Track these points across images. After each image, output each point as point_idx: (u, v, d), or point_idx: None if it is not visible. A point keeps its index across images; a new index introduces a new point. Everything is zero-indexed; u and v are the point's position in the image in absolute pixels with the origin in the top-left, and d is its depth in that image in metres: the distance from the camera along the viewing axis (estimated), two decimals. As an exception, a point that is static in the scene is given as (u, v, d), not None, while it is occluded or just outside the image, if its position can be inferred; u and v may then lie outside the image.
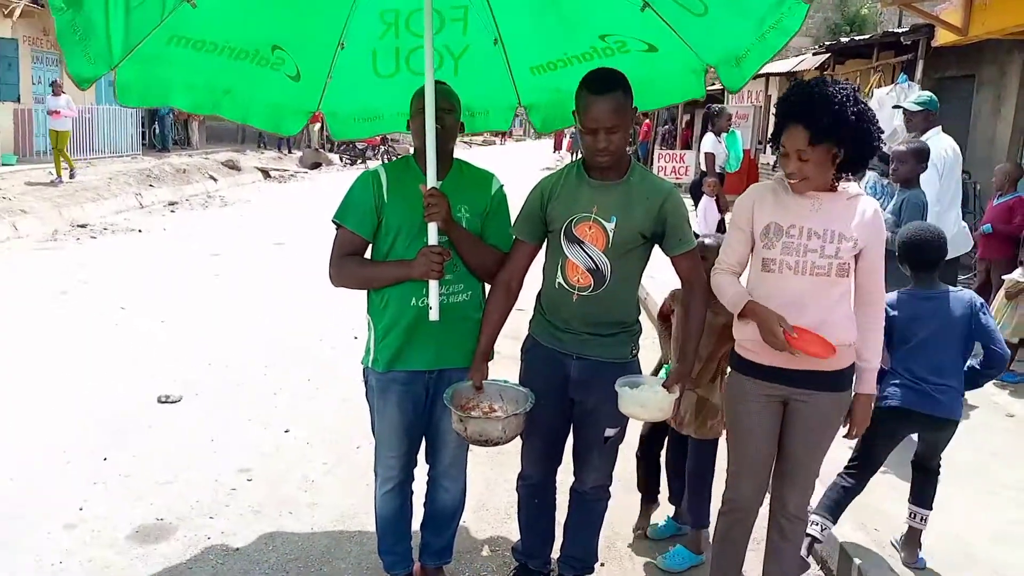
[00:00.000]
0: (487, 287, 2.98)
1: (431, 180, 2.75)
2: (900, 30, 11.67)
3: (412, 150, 2.99)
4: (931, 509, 3.40)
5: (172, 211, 14.86)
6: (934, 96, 5.67)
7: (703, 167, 9.88)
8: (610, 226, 2.72)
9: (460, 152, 3.38)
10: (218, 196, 17.52)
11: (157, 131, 24.05)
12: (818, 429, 2.75)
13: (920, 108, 5.46)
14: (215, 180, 19.15)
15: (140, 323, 7.01)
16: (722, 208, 8.44)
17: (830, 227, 2.63)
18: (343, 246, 2.88)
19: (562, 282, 2.80)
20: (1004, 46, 9.98)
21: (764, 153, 17.87)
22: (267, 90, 3.39)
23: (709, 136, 9.92)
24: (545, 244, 2.90)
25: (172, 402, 5.22)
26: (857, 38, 13.22)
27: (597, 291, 2.76)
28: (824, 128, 2.51)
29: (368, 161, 26.72)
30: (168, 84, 3.15)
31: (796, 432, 2.77)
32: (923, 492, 3.42)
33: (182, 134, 25.81)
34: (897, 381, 3.32)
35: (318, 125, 24.27)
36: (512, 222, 2.96)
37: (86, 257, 9.90)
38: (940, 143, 5.27)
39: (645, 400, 2.75)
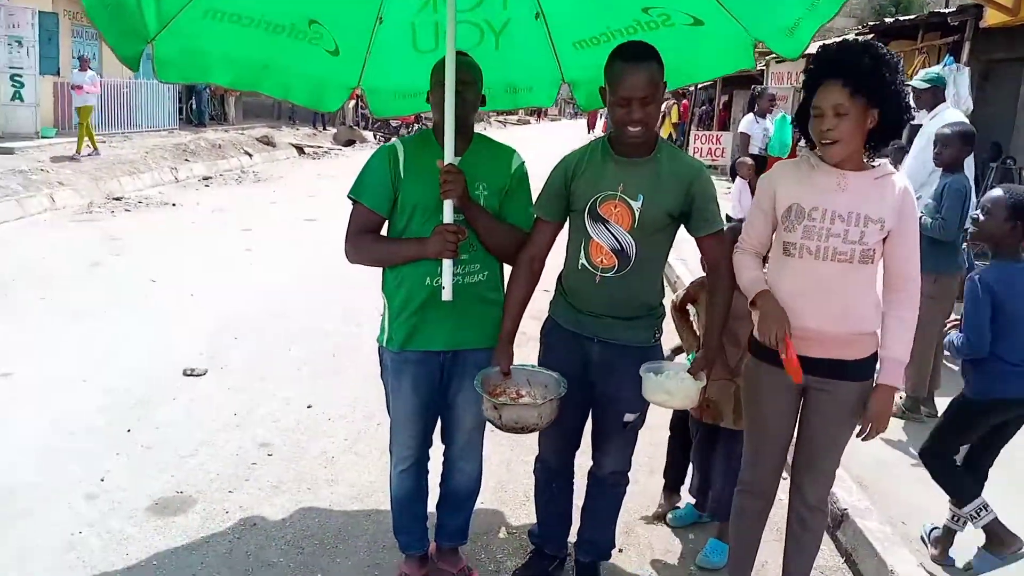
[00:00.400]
0: (506, 268, 2.89)
1: (448, 156, 2.66)
2: (947, 10, 11.32)
3: (431, 125, 2.91)
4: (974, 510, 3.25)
5: (206, 185, 14.96)
6: (941, 73, 5.60)
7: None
8: (637, 205, 2.61)
9: (495, 132, 3.35)
10: (252, 171, 17.61)
11: (194, 106, 24.28)
12: (838, 420, 2.65)
13: (928, 85, 5.44)
14: (250, 155, 19.24)
15: (169, 296, 7.06)
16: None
17: (856, 209, 2.49)
18: (359, 222, 2.81)
19: (585, 263, 2.70)
20: (1056, 28, 9.61)
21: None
22: (306, 65, 3.33)
23: (748, 117, 9.75)
24: (568, 223, 2.79)
25: (197, 375, 5.25)
26: (902, 18, 12.86)
27: (621, 272, 2.66)
28: (866, 81, 2.41)
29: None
30: (207, 59, 3.12)
31: (815, 422, 2.68)
32: (969, 491, 3.27)
33: (218, 109, 26.02)
34: (1003, 368, 3.12)
35: (353, 102, 24.37)
36: (534, 200, 2.86)
37: (120, 230, 9.99)
38: (944, 120, 5.15)
39: (672, 388, 2.67)
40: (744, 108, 13.57)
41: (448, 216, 2.67)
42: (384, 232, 2.88)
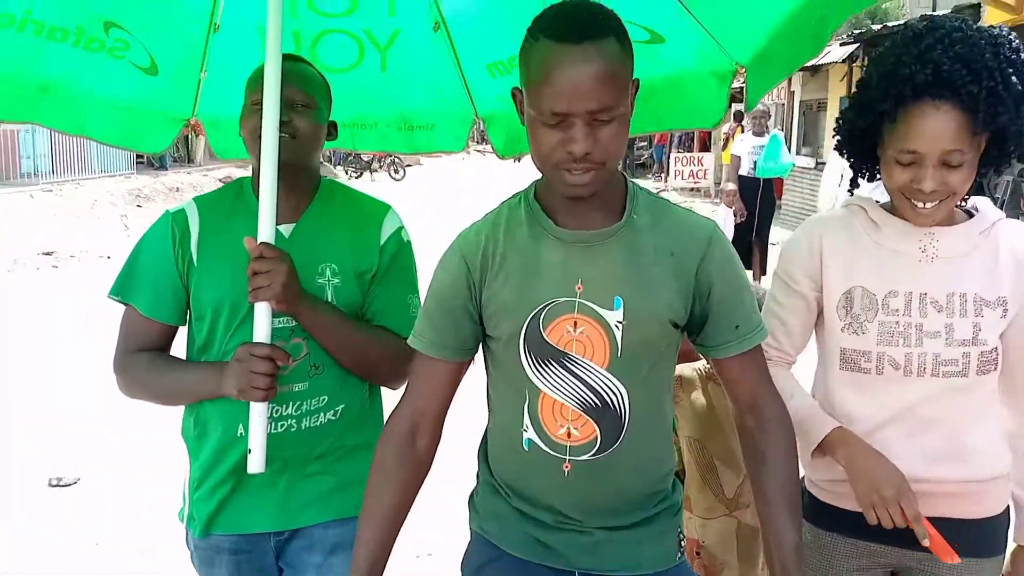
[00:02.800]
0: (387, 394, 1.86)
1: (264, 227, 1.66)
2: (941, 12, 10.58)
3: (252, 171, 1.88)
4: None
5: (155, 233, 14.02)
6: None
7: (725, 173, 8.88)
8: (613, 317, 1.42)
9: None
10: (210, 215, 16.69)
11: (154, 148, 23.41)
12: None
13: None
14: (210, 198, 18.35)
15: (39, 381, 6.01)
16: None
17: (958, 288, 1.59)
18: (132, 335, 1.81)
19: (536, 440, 1.47)
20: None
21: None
22: (108, 87, 2.38)
23: (739, 136, 8.96)
24: (488, 363, 1.57)
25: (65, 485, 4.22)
26: (891, 24, 12.20)
27: (609, 449, 1.46)
28: (994, 105, 1.44)
29: (375, 173, 25.98)
30: None
31: None
32: None
33: (182, 150, 25.14)
34: None
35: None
36: (416, 301, 1.84)
37: (34, 290, 9.04)
38: None
39: None
40: (730, 126, 12.73)
41: (261, 329, 1.64)
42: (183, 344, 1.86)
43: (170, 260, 1.76)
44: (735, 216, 8.05)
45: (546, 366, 1.45)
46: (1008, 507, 1.71)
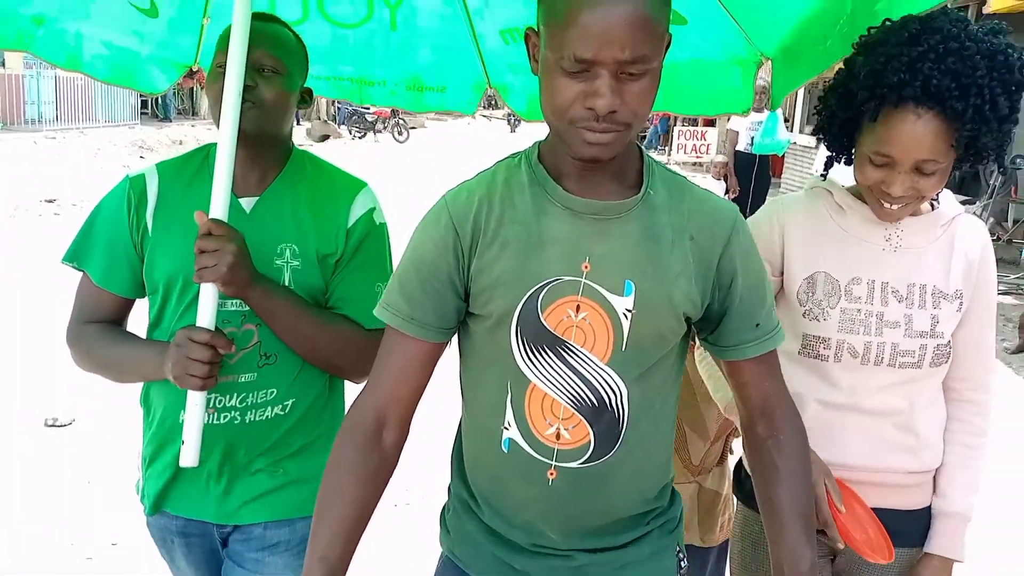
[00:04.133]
0: (350, 388, 1.66)
1: (217, 201, 1.50)
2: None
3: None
4: None
5: (157, 185, 14.05)
6: None
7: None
8: (622, 304, 1.24)
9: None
10: (213, 169, 16.68)
11: (159, 99, 23.30)
12: None
13: None
14: (213, 152, 18.33)
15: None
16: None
17: (918, 279, 1.59)
18: (84, 304, 1.69)
19: (520, 440, 1.28)
20: (1070, 13, 8.85)
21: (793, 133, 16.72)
22: (105, 26, 2.31)
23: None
24: (463, 345, 1.38)
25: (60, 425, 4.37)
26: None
27: (604, 456, 1.28)
28: (978, 113, 1.40)
29: (378, 134, 25.87)
30: None
31: None
32: None
33: (187, 103, 25.05)
34: None
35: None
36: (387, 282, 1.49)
37: (34, 237, 9.10)
38: None
39: None
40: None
41: (205, 313, 1.49)
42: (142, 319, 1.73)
43: (125, 228, 1.64)
44: (728, 192, 8.11)
45: (540, 354, 1.25)
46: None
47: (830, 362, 1.62)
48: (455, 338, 1.36)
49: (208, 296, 1.49)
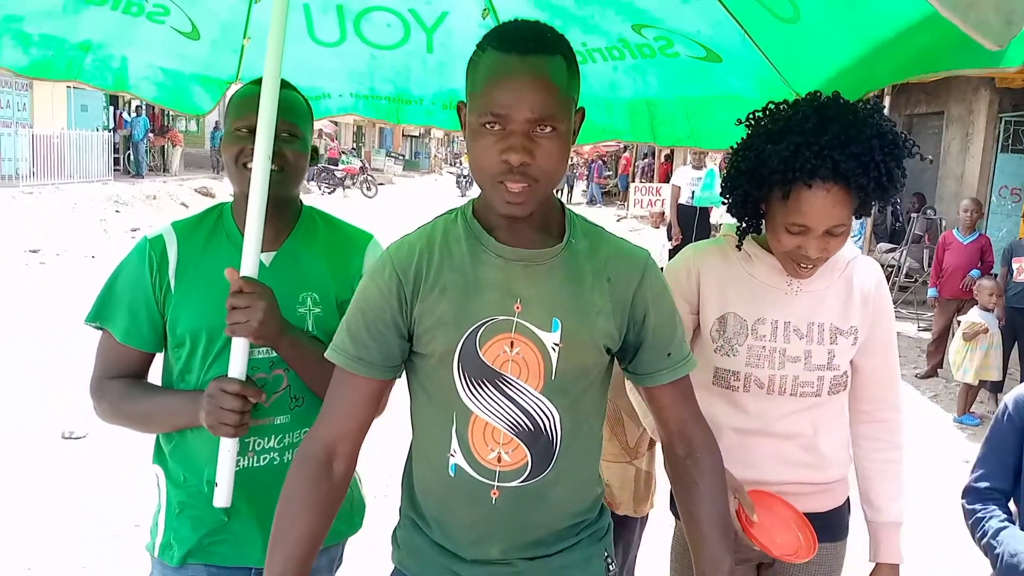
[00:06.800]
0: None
1: (248, 260, 1.62)
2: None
3: (234, 198, 1.82)
4: None
5: (133, 237, 14.51)
6: None
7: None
8: (550, 338, 1.40)
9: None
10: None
11: (131, 156, 23.78)
12: None
13: None
14: (186, 207, 18.81)
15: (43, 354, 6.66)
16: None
17: (817, 318, 1.80)
18: (108, 361, 1.76)
19: (465, 465, 1.42)
20: (972, 83, 9.96)
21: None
22: (151, 50, 2.46)
23: (680, 168, 9.85)
24: (413, 384, 1.50)
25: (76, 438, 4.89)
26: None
27: (540, 475, 1.43)
28: (878, 184, 1.63)
29: (347, 190, 26.45)
30: None
31: None
32: None
33: (159, 160, 25.52)
34: None
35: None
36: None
37: (23, 284, 9.57)
38: None
39: None
40: (685, 159, 13.69)
41: (236, 365, 1.60)
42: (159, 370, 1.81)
43: (147, 287, 1.71)
44: (671, 239, 8.88)
45: (480, 387, 1.39)
46: (848, 499, 1.94)
47: (740, 392, 1.81)
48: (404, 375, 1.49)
49: (239, 349, 1.59)
